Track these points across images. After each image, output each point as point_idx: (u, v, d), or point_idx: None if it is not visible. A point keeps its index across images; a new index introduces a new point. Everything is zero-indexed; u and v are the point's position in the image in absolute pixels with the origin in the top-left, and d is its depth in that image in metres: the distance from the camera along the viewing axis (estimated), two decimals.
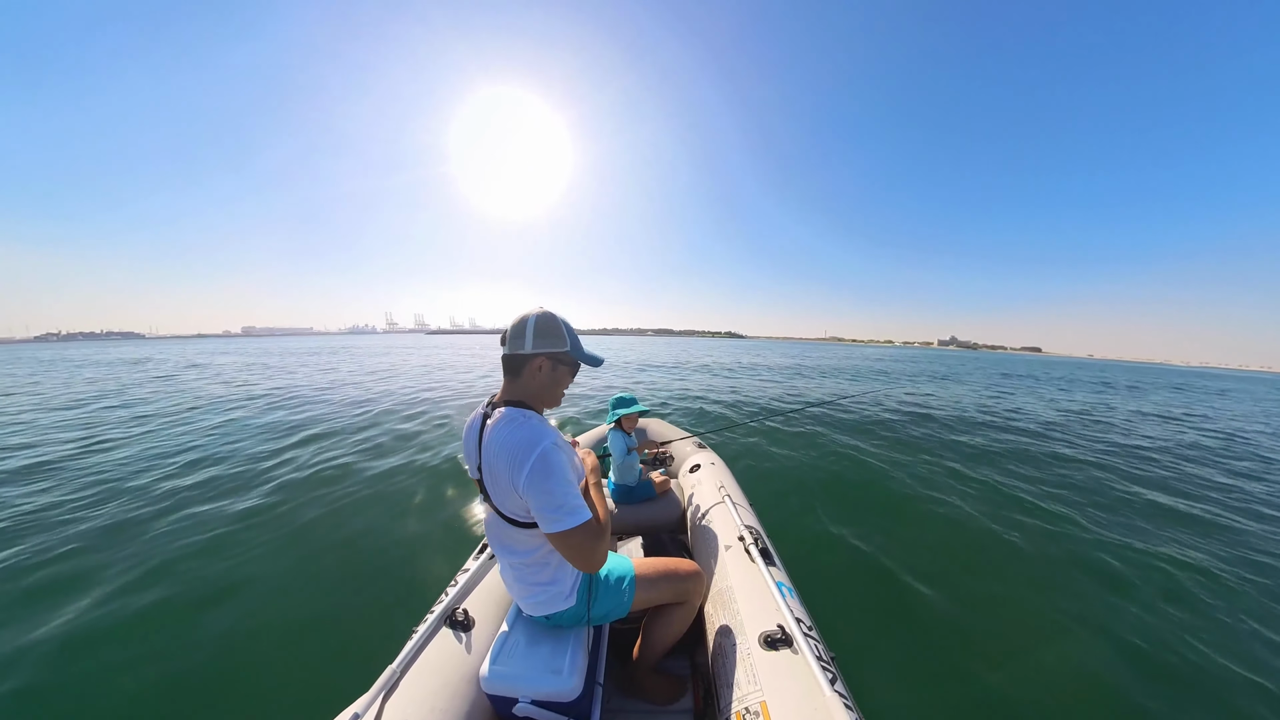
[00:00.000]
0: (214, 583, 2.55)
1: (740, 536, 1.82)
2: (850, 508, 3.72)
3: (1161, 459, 5.90)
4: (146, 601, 2.37)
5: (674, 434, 3.50)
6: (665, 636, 1.40)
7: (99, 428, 6.24)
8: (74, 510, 3.45)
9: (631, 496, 2.41)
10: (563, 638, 1.25)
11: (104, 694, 1.84)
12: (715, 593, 1.58)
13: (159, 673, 1.94)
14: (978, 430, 7.10)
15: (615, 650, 1.61)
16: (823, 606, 1.91)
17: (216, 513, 3.40)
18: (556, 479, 1.02)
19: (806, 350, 58.36)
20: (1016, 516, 3.67)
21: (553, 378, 1.16)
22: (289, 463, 4.59)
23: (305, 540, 3.05)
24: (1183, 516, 3.88)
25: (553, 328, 1.13)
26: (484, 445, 1.12)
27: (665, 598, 1.37)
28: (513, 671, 1.15)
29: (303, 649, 2.10)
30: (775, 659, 1.21)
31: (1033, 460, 5.43)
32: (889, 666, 2.05)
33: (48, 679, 1.88)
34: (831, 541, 3.14)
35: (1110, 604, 2.56)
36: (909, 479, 4.46)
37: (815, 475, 4.48)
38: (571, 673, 1.14)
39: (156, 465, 4.54)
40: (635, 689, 1.49)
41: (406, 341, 74.23)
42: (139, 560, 2.74)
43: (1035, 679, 2.02)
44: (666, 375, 14.33)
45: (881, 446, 5.70)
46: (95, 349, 51.22)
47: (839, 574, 2.78)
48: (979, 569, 2.89)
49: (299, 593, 2.51)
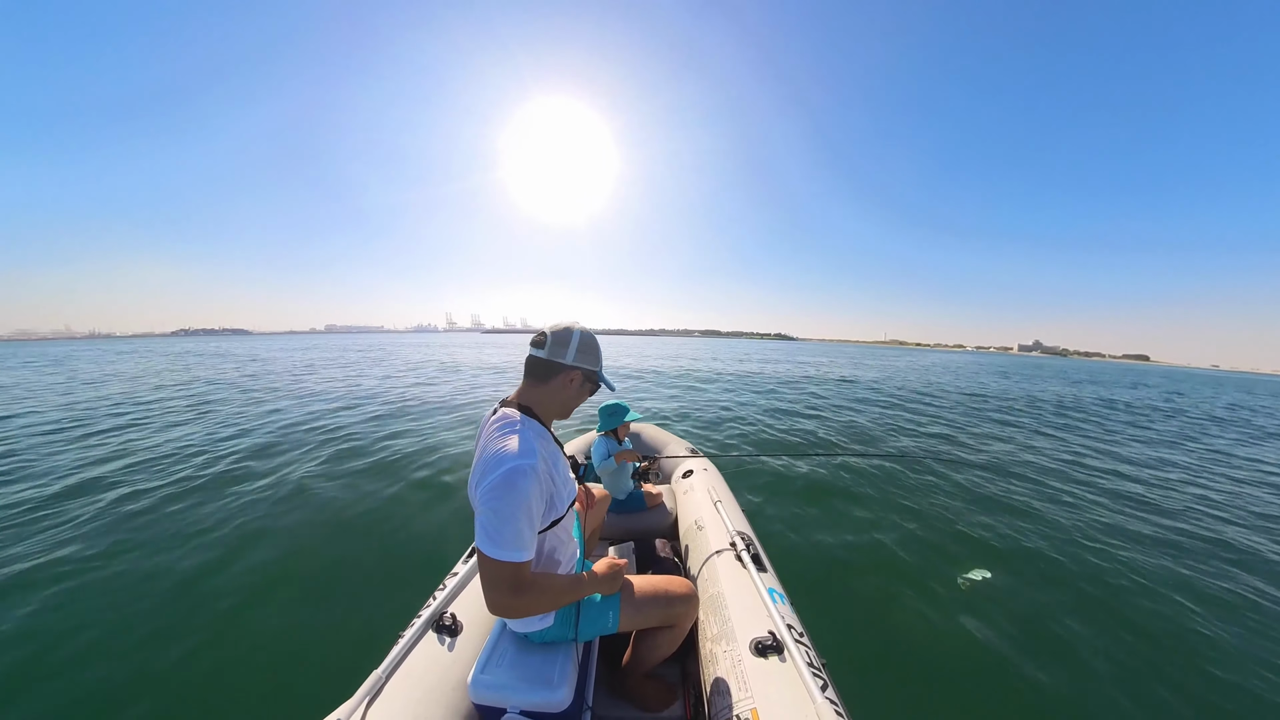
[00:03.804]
0: (187, 580, 2.49)
1: (731, 542, 1.82)
2: (839, 514, 3.74)
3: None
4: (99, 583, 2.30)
5: (667, 440, 3.50)
6: (653, 657, 1.36)
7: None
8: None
9: (623, 508, 2.42)
10: (552, 647, 1.23)
11: (50, 692, 1.77)
12: (706, 599, 1.57)
13: (128, 670, 1.88)
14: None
15: (605, 655, 1.59)
16: (814, 613, 1.91)
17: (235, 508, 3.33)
18: (510, 501, 0.94)
19: (863, 355, 53.63)
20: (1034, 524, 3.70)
21: (578, 393, 1.19)
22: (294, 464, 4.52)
23: (292, 536, 3.00)
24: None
25: (593, 347, 1.18)
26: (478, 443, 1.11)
27: (653, 622, 1.30)
28: (500, 681, 1.12)
29: (282, 652, 2.05)
30: (766, 666, 1.21)
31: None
32: (880, 673, 2.05)
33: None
34: (823, 548, 3.15)
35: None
36: (898, 488, 4.49)
37: (810, 479, 4.49)
38: (561, 683, 1.12)
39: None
40: (625, 695, 1.47)
41: (466, 340, 73.28)
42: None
43: (1035, 689, 2.03)
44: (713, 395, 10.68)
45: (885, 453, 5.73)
46: (235, 342, 56.65)
47: (830, 580, 2.79)
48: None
49: (281, 591, 2.46)
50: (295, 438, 5.62)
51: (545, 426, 1.15)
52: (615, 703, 1.48)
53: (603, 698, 1.49)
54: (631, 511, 2.42)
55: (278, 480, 4.09)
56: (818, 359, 33.66)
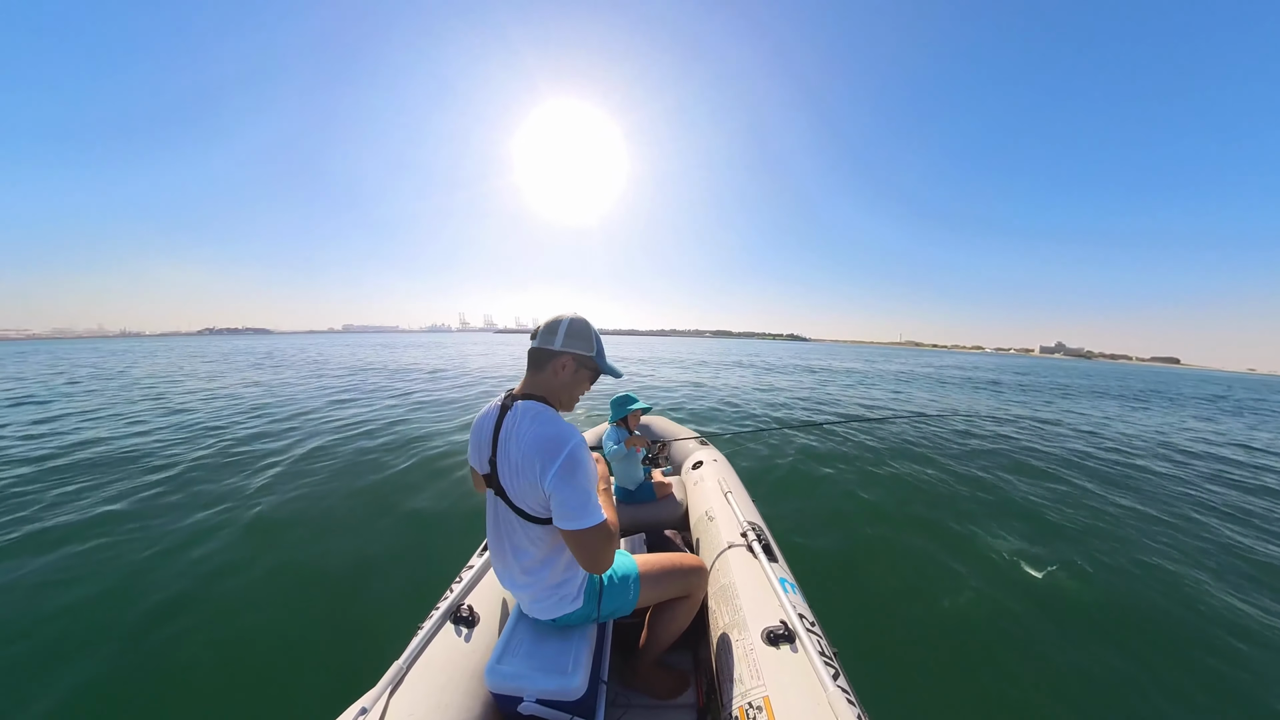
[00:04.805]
0: (219, 572, 2.59)
1: (743, 533, 1.82)
2: (854, 505, 3.72)
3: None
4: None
5: (677, 431, 3.50)
6: (670, 630, 1.41)
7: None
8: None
9: (633, 499, 2.44)
10: (567, 635, 1.25)
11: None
12: (718, 589, 1.58)
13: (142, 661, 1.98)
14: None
15: (618, 643, 1.61)
16: (825, 602, 1.91)
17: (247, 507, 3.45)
18: (583, 477, 1.05)
19: (876, 356, 50.58)
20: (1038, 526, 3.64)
21: (574, 379, 1.19)
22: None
23: (320, 530, 3.10)
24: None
25: (584, 332, 1.18)
26: (504, 438, 1.12)
27: (670, 593, 1.38)
28: (517, 670, 1.14)
29: (312, 643, 2.13)
30: (778, 655, 1.21)
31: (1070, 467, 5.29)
32: (892, 662, 2.05)
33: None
34: (835, 537, 3.14)
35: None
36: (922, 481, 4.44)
37: (820, 470, 4.47)
38: (576, 671, 1.14)
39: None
40: (638, 683, 1.49)
41: (479, 340, 73.26)
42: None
43: (1047, 680, 2.01)
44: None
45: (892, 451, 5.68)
46: (261, 341, 59.80)
47: (841, 569, 2.79)
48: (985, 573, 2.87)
49: (306, 586, 2.55)
50: (310, 428, 5.77)
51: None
52: (629, 691, 1.51)
53: (617, 686, 1.51)
54: (642, 502, 2.44)
55: (309, 481, 4.21)
56: (833, 360, 31.85)
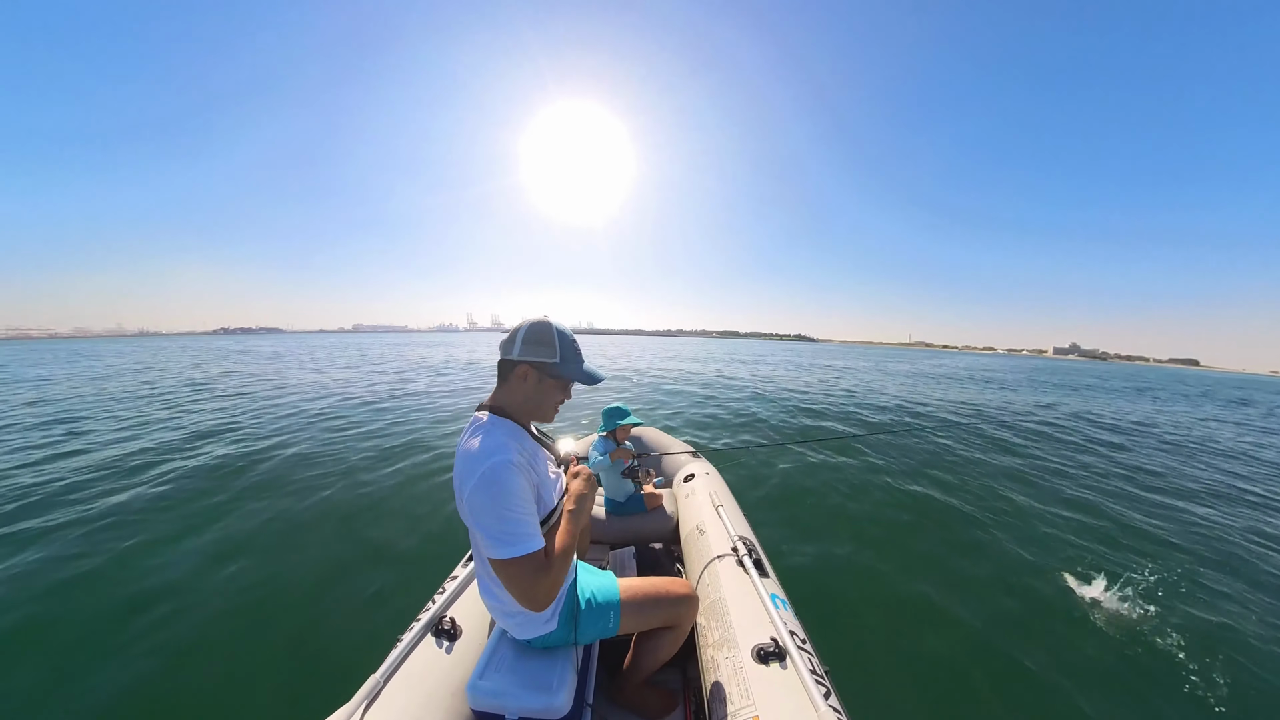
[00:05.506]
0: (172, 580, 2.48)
1: (733, 547, 1.80)
2: (844, 520, 3.71)
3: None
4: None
5: (669, 443, 3.48)
6: (653, 660, 1.34)
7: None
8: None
9: (622, 511, 2.42)
10: (552, 653, 1.21)
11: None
12: (707, 604, 1.56)
13: (129, 677, 1.87)
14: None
15: (605, 661, 1.57)
16: (817, 619, 1.89)
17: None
18: (502, 499, 0.93)
19: (884, 357, 49.25)
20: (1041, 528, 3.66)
21: (539, 389, 1.10)
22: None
23: (289, 538, 2.99)
24: None
25: (544, 337, 1.08)
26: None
27: (654, 623, 1.29)
28: (499, 687, 1.11)
29: (280, 655, 2.04)
30: (768, 673, 1.19)
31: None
32: (884, 682, 2.02)
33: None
34: (828, 553, 3.12)
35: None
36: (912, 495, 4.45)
37: (811, 483, 4.47)
38: (560, 689, 1.11)
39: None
40: (625, 702, 1.45)
41: (486, 340, 72.33)
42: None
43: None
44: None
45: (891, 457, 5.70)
46: (280, 340, 59.75)
47: (834, 585, 2.76)
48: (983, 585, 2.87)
49: (278, 594, 2.45)
50: (297, 434, 5.64)
51: (521, 426, 1.12)
52: (615, 709, 1.46)
53: (603, 704, 1.47)
54: (632, 514, 2.41)
55: (295, 485, 4.10)
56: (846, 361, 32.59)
